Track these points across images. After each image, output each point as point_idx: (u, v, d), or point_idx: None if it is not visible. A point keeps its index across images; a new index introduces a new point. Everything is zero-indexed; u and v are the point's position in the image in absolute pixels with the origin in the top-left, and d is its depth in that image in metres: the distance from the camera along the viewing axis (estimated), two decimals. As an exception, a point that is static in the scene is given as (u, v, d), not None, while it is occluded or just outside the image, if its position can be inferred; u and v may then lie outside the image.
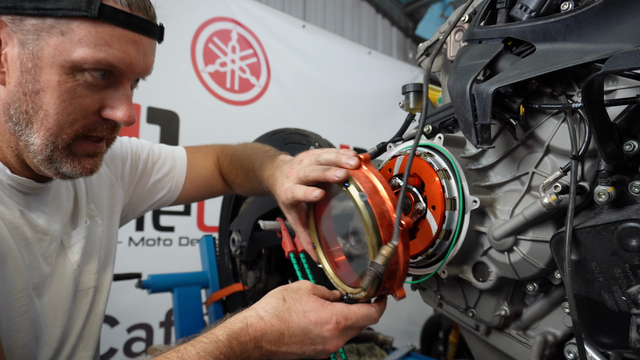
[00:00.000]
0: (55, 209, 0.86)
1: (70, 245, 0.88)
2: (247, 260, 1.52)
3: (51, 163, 0.73)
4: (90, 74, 0.69)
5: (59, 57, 0.67)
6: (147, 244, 2.70)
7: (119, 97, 0.74)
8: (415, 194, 0.80)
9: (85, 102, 0.71)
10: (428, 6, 4.54)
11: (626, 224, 0.55)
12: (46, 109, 0.69)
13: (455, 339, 2.58)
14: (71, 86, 0.69)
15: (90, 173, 0.77)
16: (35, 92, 0.68)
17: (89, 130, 0.74)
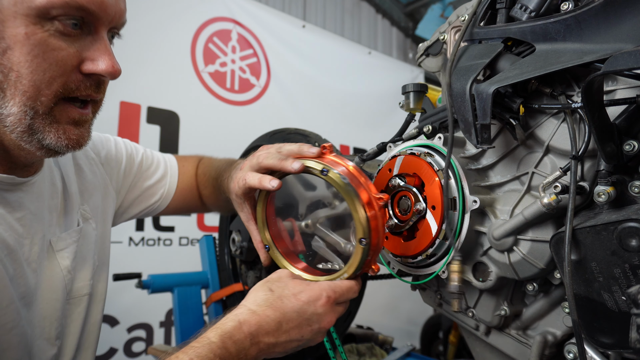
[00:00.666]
0: (39, 207, 0.77)
1: (60, 249, 0.80)
2: (247, 260, 1.52)
3: (32, 134, 0.64)
4: (60, 22, 0.61)
5: (21, 5, 0.58)
6: (147, 244, 2.69)
7: (98, 47, 0.65)
8: (415, 194, 0.80)
9: (61, 55, 0.62)
10: (428, 6, 4.54)
11: (626, 224, 0.55)
12: (17, 69, 0.60)
13: (455, 339, 2.58)
14: (41, 38, 0.60)
15: (77, 145, 0.68)
16: (2, 51, 0.59)
17: (71, 90, 0.65)
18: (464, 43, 0.77)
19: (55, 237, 0.80)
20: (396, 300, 3.83)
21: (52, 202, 0.81)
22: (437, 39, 0.93)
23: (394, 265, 0.89)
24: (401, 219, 0.83)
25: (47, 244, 0.78)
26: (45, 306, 0.77)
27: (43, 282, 0.77)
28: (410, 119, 0.97)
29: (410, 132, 0.93)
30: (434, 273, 0.80)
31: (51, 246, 0.79)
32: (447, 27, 0.90)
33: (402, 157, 0.83)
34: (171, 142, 2.84)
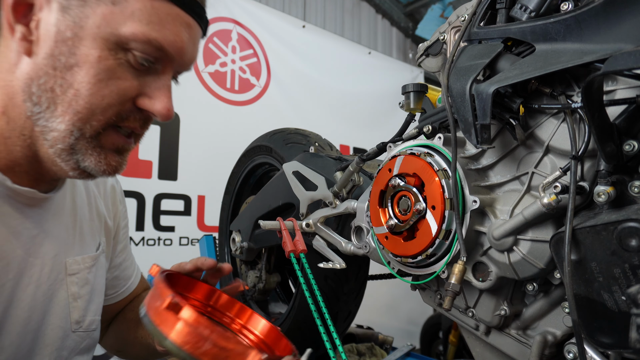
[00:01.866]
0: (56, 226, 0.75)
1: (71, 273, 0.76)
2: (247, 260, 1.52)
3: (72, 154, 0.62)
4: (134, 55, 0.60)
5: (104, 29, 0.57)
6: (147, 243, 2.70)
7: (160, 86, 0.64)
8: (415, 194, 0.80)
9: (124, 85, 0.61)
10: (428, 6, 4.54)
11: (626, 224, 0.55)
12: (78, 88, 0.58)
13: (455, 339, 2.58)
14: (111, 64, 0.59)
15: (114, 172, 0.66)
16: (69, 67, 0.58)
17: (121, 120, 0.63)
18: (464, 43, 0.77)
19: (71, 259, 0.76)
20: (396, 300, 3.83)
21: (70, 221, 0.78)
22: (437, 39, 0.93)
23: (394, 265, 0.89)
24: (401, 219, 0.83)
25: (62, 265, 0.74)
26: (49, 333, 0.73)
27: (52, 306, 0.73)
28: (410, 119, 0.97)
29: (410, 132, 0.93)
30: (435, 273, 0.80)
31: (65, 268, 0.75)
32: (447, 27, 0.90)
33: (402, 157, 0.83)
34: (171, 142, 2.84)
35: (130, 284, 1.03)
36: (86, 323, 0.79)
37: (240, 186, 1.74)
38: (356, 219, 1.00)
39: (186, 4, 0.62)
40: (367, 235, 0.96)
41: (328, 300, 1.23)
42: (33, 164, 0.66)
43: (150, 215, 2.73)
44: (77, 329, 0.77)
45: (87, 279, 0.79)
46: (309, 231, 1.11)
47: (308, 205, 1.17)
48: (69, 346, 0.77)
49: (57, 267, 0.74)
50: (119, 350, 0.99)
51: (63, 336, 0.75)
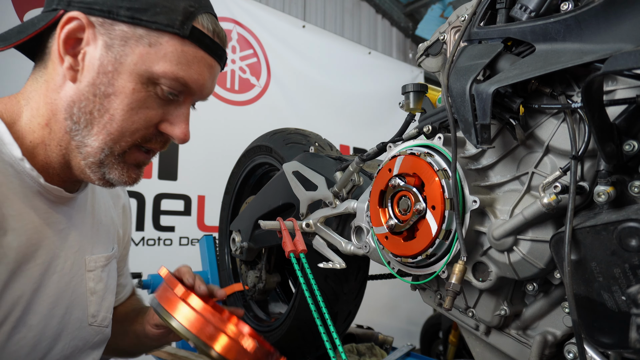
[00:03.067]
0: (79, 223, 0.83)
1: (90, 270, 0.84)
2: (247, 260, 1.52)
3: (100, 167, 0.73)
4: (161, 89, 0.70)
5: (140, 66, 0.68)
6: (147, 243, 2.70)
7: (180, 114, 0.75)
8: (415, 194, 0.80)
9: (150, 114, 0.72)
10: (428, 6, 4.55)
11: (626, 224, 0.55)
12: (112, 114, 0.69)
13: (455, 339, 2.58)
14: (143, 96, 0.70)
15: (133, 183, 0.78)
16: (107, 95, 0.69)
17: (144, 141, 0.74)
18: (464, 43, 0.77)
19: (89, 257, 0.84)
20: (396, 300, 3.83)
21: (89, 222, 0.87)
22: (437, 39, 0.93)
23: (394, 265, 0.89)
24: (401, 219, 0.83)
25: (82, 260, 0.83)
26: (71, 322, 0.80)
27: (74, 298, 0.80)
28: (410, 119, 0.97)
29: (410, 132, 0.93)
30: (435, 273, 0.80)
31: (85, 264, 0.83)
32: (447, 27, 0.90)
33: (402, 157, 0.83)
34: (171, 143, 2.84)
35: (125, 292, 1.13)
36: (100, 318, 0.87)
37: (240, 186, 1.74)
38: (356, 219, 1.00)
39: (210, 48, 0.73)
40: (367, 235, 0.96)
41: (328, 300, 1.23)
42: (64, 169, 0.75)
43: (150, 215, 2.73)
44: (92, 322, 0.85)
45: (101, 277, 0.87)
46: (309, 231, 1.11)
47: (308, 205, 1.17)
48: (84, 337, 0.83)
49: (78, 262, 0.82)
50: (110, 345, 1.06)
51: (80, 327, 0.82)
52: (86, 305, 0.83)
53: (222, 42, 0.76)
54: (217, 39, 0.74)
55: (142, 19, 0.67)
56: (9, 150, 0.69)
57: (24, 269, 0.70)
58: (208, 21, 0.72)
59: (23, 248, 0.70)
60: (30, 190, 0.72)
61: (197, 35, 0.70)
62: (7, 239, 0.68)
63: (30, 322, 0.72)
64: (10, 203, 0.68)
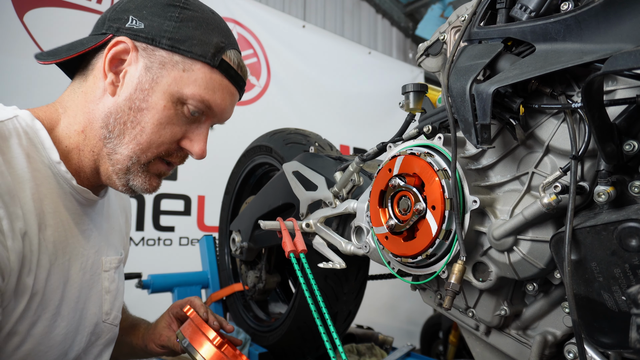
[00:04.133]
0: (100, 224, 0.90)
1: (105, 270, 0.91)
2: (247, 260, 1.52)
3: (126, 174, 0.81)
4: (188, 108, 0.79)
5: (173, 87, 0.77)
6: (147, 243, 2.70)
7: (200, 133, 0.84)
8: (415, 194, 0.80)
9: (175, 130, 0.80)
10: (428, 6, 4.55)
11: (626, 224, 0.55)
12: (143, 126, 0.78)
13: (455, 339, 2.58)
14: (171, 114, 0.78)
15: (153, 191, 0.86)
16: (140, 109, 0.77)
17: (167, 155, 0.82)
18: (464, 43, 0.77)
19: (105, 258, 0.91)
20: (396, 300, 3.83)
21: (107, 224, 0.94)
22: (437, 39, 0.93)
23: (394, 265, 0.89)
24: (401, 219, 0.83)
25: (99, 260, 0.89)
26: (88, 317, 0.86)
27: (92, 294, 0.87)
28: (410, 119, 0.97)
29: (410, 132, 0.93)
30: (435, 273, 0.80)
31: (102, 264, 0.90)
32: (447, 27, 0.90)
33: (402, 157, 0.83)
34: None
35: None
36: (112, 316, 0.93)
37: (240, 186, 1.74)
38: (356, 219, 1.00)
39: (234, 79, 0.83)
40: (367, 235, 0.96)
41: (328, 300, 1.23)
42: (93, 174, 0.83)
43: (150, 215, 2.73)
44: (106, 319, 0.91)
45: (114, 278, 0.94)
46: (309, 231, 1.11)
47: (308, 206, 1.17)
48: (97, 333, 0.90)
49: (97, 261, 0.89)
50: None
51: (96, 323, 0.88)
52: (101, 302, 0.89)
53: (244, 74, 0.86)
54: (240, 72, 0.84)
55: (180, 48, 0.77)
56: (48, 154, 0.76)
57: (58, 262, 0.77)
58: (235, 56, 0.83)
59: (57, 243, 0.77)
60: (63, 191, 0.78)
61: (224, 67, 0.80)
62: (47, 233, 0.74)
63: (64, 313, 0.79)
64: (48, 201, 0.75)
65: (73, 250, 0.81)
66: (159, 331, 1.06)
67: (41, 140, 0.76)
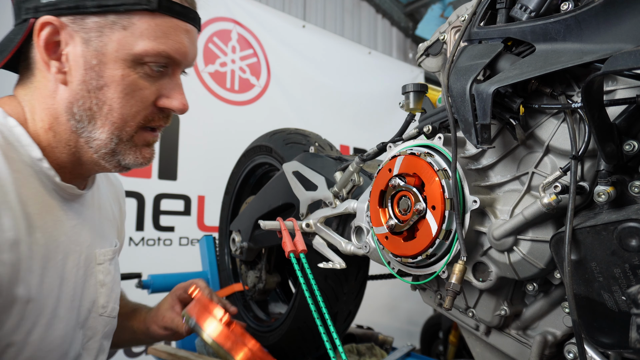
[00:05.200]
0: (90, 218, 0.86)
1: (99, 263, 0.88)
2: (247, 260, 1.52)
3: (114, 156, 0.76)
4: (149, 67, 0.72)
5: (122, 52, 0.70)
6: (147, 244, 2.70)
7: (173, 86, 0.77)
8: (415, 194, 0.80)
9: (145, 93, 0.74)
10: (428, 6, 4.55)
11: (626, 224, 0.55)
12: (110, 104, 0.72)
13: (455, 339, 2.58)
14: (133, 79, 0.72)
15: (148, 162, 0.81)
16: (99, 88, 0.71)
17: (149, 121, 0.77)
18: (464, 43, 0.77)
19: (98, 250, 0.88)
20: (396, 300, 3.83)
21: (97, 217, 0.90)
22: (437, 39, 0.93)
23: (394, 265, 0.89)
24: (401, 219, 0.83)
25: (93, 254, 0.86)
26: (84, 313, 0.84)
27: (86, 289, 0.84)
28: (410, 119, 0.97)
29: (410, 132, 0.93)
30: (435, 273, 0.80)
31: (95, 257, 0.87)
32: (447, 27, 0.90)
33: (402, 157, 0.83)
34: (171, 142, 2.84)
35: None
36: (109, 309, 0.90)
37: (240, 186, 1.74)
38: (356, 219, 0.99)
39: (182, 14, 0.74)
40: (367, 235, 0.96)
41: (328, 300, 1.22)
42: (75, 167, 0.79)
43: (150, 215, 2.73)
44: (102, 312, 0.88)
45: (109, 270, 0.90)
46: (309, 231, 1.11)
47: (308, 206, 1.17)
48: (95, 327, 0.87)
49: (90, 255, 0.85)
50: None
51: (92, 317, 0.86)
52: (97, 296, 0.87)
53: (191, 4, 0.77)
54: (185, 3, 0.75)
55: (108, 5, 0.69)
56: (28, 152, 0.72)
57: (51, 264, 0.74)
58: None
59: (48, 244, 0.74)
60: (46, 189, 0.75)
61: (165, 6, 0.71)
62: (37, 236, 0.71)
63: (61, 314, 0.76)
64: (32, 202, 0.71)
65: (65, 248, 0.78)
66: (162, 313, 1.03)
67: (17, 138, 0.71)
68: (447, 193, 0.75)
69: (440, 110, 0.89)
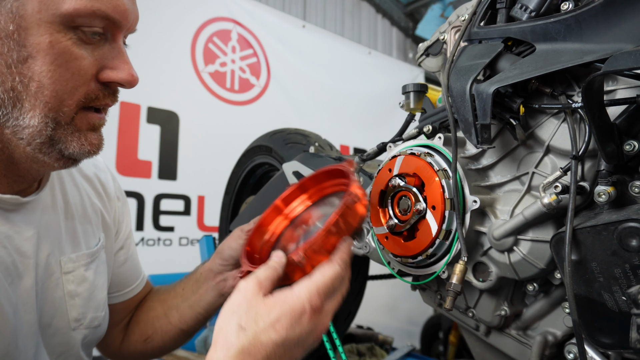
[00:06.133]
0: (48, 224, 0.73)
1: (67, 272, 0.75)
2: (247, 260, 1.52)
3: (53, 145, 0.61)
4: (82, 31, 0.58)
5: (46, 12, 0.55)
6: (147, 244, 2.69)
7: (116, 54, 0.62)
8: (415, 194, 0.80)
9: (83, 64, 0.59)
10: (428, 6, 4.55)
11: (626, 224, 0.55)
12: (39, 79, 0.56)
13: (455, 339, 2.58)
14: (65, 46, 0.56)
15: (97, 150, 0.65)
16: (22, 60, 0.55)
17: (91, 100, 0.62)
18: (464, 43, 0.77)
19: (65, 257, 0.75)
20: (396, 300, 3.83)
21: (62, 219, 0.77)
22: (437, 38, 0.93)
23: (394, 265, 0.89)
24: (401, 219, 0.83)
25: (56, 264, 0.74)
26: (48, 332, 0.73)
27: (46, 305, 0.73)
28: (410, 119, 0.97)
29: (410, 132, 0.93)
30: (435, 273, 0.80)
31: (60, 267, 0.74)
32: (447, 27, 0.90)
33: (402, 157, 0.83)
34: (171, 143, 2.84)
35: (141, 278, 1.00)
36: (87, 320, 0.78)
37: (240, 186, 1.74)
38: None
39: None
40: (367, 236, 0.96)
41: (328, 301, 1.22)
42: (9, 167, 0.64)
43: (150, 215, 2.73)
44: (76, 326, 0.77)
45: (84, 277, 0.78)
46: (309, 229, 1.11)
47: (309, 206, 1.17)
48: (67, 343, 0.76)
49: (51, 266, 0.73)
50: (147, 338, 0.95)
51: (61, 334, 0.75)
52: (66, 310, 0.75)
53: None
54: None
55: None
56: None
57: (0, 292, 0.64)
58: None
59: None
60: None
61: None
62: None
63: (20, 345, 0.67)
64: None
65: (14, 269, 0.66)
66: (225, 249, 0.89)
67: None
68: (447, 193, 0.75)
69: (440, 110, 0.89)
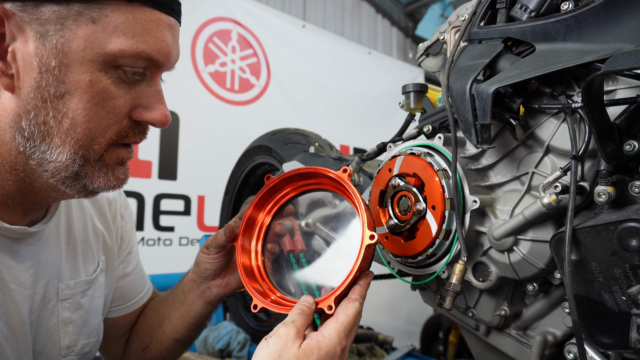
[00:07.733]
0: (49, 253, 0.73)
1: (63, 299, 0.75)
2: (247, 260, 1.52)
3: (78, 180, 0.61)
4: (123, 70, 0.58)
5: (90, 51, 0.55)
6: (147, 244, 2.70)
7: (152, 94, 0.63)
8: (415, 194, 0.80)
9: (118, 103, 0.59)
10: (428, 6, 4.55)
11: (626, 224, 0.55)
12: (73, 117, 0.56)
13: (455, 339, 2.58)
14: (104, 85, 0.57)
15: (122, 184, 0.66)
16: (59, 96, 0.56)
17: (121, 137, 0.62)
18: (464, 43, 0.77)
19: (63, 284, 0.75)
20: (396, 300, 3.83)
21: (64, 245, 0.77)
22: (437, 39, 0.93)
23: (394, 265, 0.89)
24: (401, 219, 0.83)
25: (54, 291, 0.74)
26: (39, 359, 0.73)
27: (40, 333, 0.72)
28: (410, 119, 0.97)
29: (410, 132, 0.93)
30: (435, 273, 0.80)
31: (57, 294, 0.74)
32: (447, 27, 0.90)
33: (402, 157, 0.83)
34: (171, 142, 2.84)
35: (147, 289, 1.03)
36: (79, 347, 0.78)
37: (240, 186, 1.74)
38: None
39: (165, 5, 0.60)
40: (367, 235, 0.96)
41: (328, 301, 1.22)
42: (27, 195, 0.64)
43: (150, 215, 2.73)
44: (67, 353, 0.77)
45: (80, 304, 0.78)
46: (308, 231, 1.11)
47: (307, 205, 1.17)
48: None
49: (48, 294, 0.73)
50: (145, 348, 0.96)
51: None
52: (58, 338, 0.75)
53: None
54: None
55: None
56: None
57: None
58: None
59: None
60: None
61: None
62: None
63: None
64: None
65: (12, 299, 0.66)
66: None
67: None
68: (447, 193, 0.75)
69: (440, 110, 0.89)
